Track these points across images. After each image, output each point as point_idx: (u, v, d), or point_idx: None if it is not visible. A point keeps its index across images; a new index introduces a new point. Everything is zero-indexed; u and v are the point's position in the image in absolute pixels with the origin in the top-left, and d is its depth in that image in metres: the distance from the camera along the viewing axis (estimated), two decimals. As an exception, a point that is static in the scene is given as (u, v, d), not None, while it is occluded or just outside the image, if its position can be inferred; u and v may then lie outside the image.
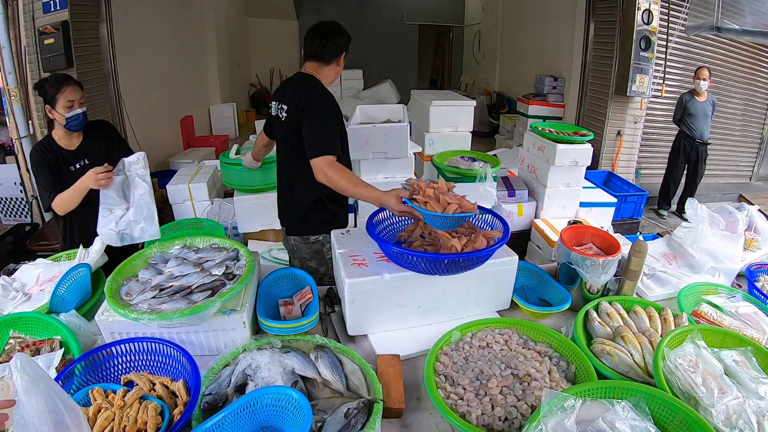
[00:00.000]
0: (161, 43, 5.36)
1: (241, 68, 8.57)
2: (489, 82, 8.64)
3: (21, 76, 3.65)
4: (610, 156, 5.01)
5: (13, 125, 3.71)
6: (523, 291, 1.54)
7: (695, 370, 1.01)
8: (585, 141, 3.09)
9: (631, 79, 4.58)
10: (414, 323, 1.37)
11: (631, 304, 1.36)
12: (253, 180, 2.95)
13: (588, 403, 0.89)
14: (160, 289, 1.22)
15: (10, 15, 3.54)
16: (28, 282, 1.53)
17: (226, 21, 7.37)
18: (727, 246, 1.69)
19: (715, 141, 5.40)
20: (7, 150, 4.28)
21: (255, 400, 0.95)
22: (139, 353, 1.13)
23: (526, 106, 5.94)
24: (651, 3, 4.47)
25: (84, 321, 1.31)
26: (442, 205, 1.27)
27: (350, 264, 1.31)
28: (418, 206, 1.29)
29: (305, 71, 1.81)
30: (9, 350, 1.18)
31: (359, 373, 1.11)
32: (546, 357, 1.15)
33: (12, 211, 4.22)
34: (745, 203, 1.88)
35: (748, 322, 1.32)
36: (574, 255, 1.41)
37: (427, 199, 1.28)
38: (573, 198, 3.22)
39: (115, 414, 0.96)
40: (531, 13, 6.84)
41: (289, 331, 1.25)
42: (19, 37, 3.59)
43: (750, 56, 5.67)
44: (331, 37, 1.76)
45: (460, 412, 1.00)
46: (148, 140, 4.75)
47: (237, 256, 1.39)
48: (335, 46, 1.77)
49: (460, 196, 1.33)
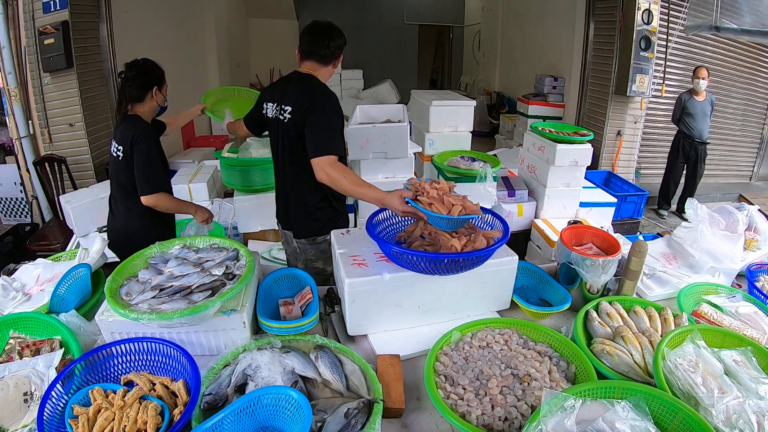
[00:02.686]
0: (161, 43, 5.35)
1: (241, 68, 8.56)
2: (489, 82, 8.64)
3: (21, 76, 3.65)
4: (610, 156, 5.01)
5: (13, 125, 3.71)
6: (523, 291, 1.54)
7: (695, 370, 1.01)
8: (585, 141, 3.09)
9: (631, 79, 4.58)
10: (414, 323, 1.37)
11: (631, 304, 1.36)
12: (253, 180, 2.96)
13: (588, 403, 0.89)
14: (160, 289, 1.22)
15: (10, 15, 3.55)
16: (28, 282, 1.53)
17: (226, 21, 7.36)
18: (727, 246, 1.69)
19: (715, 141, 5.40)
20: (7, 150, 4.28)
21: (255, 400, 0.95)
22: (139, 353, 1.13)
23: (526, 106, 5.94)
24: (651, 3, 4.47)
25: (84, 321, 1.31)
26: (447, 206, 1.26)
27: (350, 264, 1.31)
28: (422, 207, 1.28)
29: (303, 71, 1.80)
30: (9, 350, 1.18)
31: (359, 373, 1.11)
32: (546, 357, 1.15)
33: (12, 211, 4.22)
34: (745, 203, 1.88)
35: (748, 322, 1.32)
36: (574, 255, 1.41)
37: (432, 201, 1.28)
38: (573, 198, 3.22)
39: (115, 414, 0.96)
40: (531, 13, 6.84)
41: (289, 331, 1.25)
42: (19, 37, 3.59)
43: (750, 56, 5.67)
44: (333, 38, 1.76)
45: (460, 412, 1.00)
46: (148, 140, 4.74)
47: (237, 256, 1.39)
48: (336, 47, 1.77)
49: (462, 197, 1.33)
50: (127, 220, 2.06)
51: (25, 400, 1.05)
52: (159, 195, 1.95)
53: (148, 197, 1.94)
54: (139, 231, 2.04)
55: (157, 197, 1.95)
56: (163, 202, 1.98)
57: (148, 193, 1.94)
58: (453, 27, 10.62)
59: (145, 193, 1.94)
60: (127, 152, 1.94)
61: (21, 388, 1.06)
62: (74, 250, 1.61)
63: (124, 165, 1.96)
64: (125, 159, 1.95)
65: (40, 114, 3.67)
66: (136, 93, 1.96)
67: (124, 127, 1.98)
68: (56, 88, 3.61)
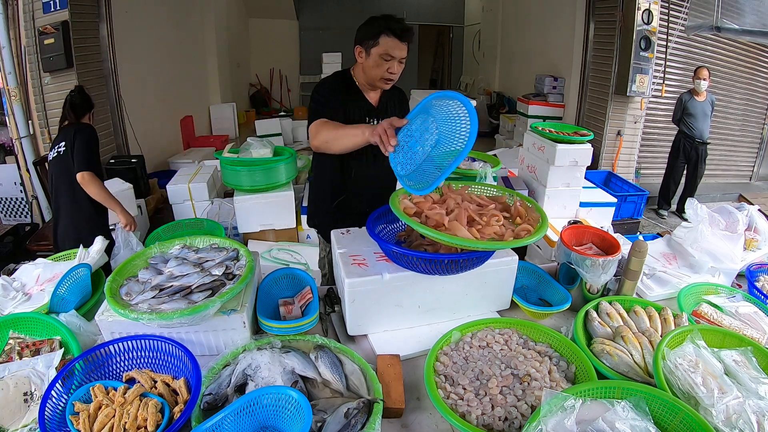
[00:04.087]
0: (161, 43, 5.36)
1: (241, 68, 8.57)
2: (489, 82, 8.64)
3: (21, 76, 3.66)
4: (610, 156, 5.02)
5: (13, 125, 3.71)
6: (523, 291, 1.54)
7: (695, 370, 1.01)
8: (585, 141, 3.09)
9: (631, 79, 4.59)
10: (414, 323, 1.37)
11: (631, 304, 1.36)
12: (253, 180, 2.96)
13: (588, 403, 0.89)
14: (160, 289, 1.22)
15: (10, 15, 3.55)
16: (28, 282, 1.53)
17: (226, 21, 7.37)
18: (727, 246, 1.69)
19: (715, 141, 5.40)
20: (7, 150, 4.28)
21: (255, 400, 0.95)
22: (141, 350, 1.14)
23: (526, 106, 5.95)
24: (651, 3, 4.47)
25: (84, 321, 1.31)
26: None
27: (350, 264, 1.31)
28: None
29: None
30: (9, 350, 1.18)
31: (359, 373, 1.11)
32: (546, 357, 1.15)
33: (12, 211, 4.22)
34: (745, 203, 1.88)
35: (748, 322, 1.32)
36: (574, 255, 1.41)
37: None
38: (573, 198, 3.23)
39: (115, 411, 0.97)
40: (531, 13, 6.84)
41: (289, 331, 1.25)
42: (19, 37, 3.60)
43: (750, 56, 5.67)
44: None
45: (460, 412, 1.00)
46: (148, 140, 4.75)
47: (237, 256, 1.39)
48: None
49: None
50: (74, 211, 2.37)
51: (25, 400, 1.05)
52: (93, 175, 2.26)
53: (84, 173, 2.24)
54: (86, 217, 2.38)
55: (91, 175, 2.25)
56: (95, 182, 2.27)
57: (85, 169, 2.24)
58: (453, 27, 10.63)
59: (83, 169, 2.24)
60: (69, 144, 2.26)
61: (21, 388, 1.06)
62: (74, 250, 1.61)
63: (66, 156, 2.28)
64: (67, 151, 2.27)
65: (40, 114, 3.67)
66: (80, 112, 2.40)
67: (64, 131, 2.35)
68: (56, 88, 3.62)
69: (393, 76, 1.69)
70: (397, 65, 1.68)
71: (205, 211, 3.32)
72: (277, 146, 3.25)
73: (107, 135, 4.09)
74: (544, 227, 1.18)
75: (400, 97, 1.94)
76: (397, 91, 1.93)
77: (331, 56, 7.80)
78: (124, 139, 4.38)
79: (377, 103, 1.83)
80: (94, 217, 2.43)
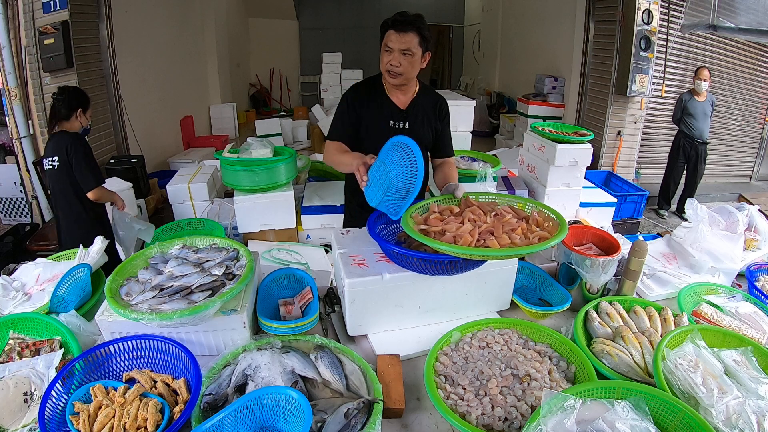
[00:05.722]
0: (161, 43, 5.35)
1: (241, 68, 8.57)
2: (489, 82, 8.64)
3: (21, 76, 3.66)
4: (610, 156, 5.02)
5: (13, 125, 3.72)
6: (523, 291, 1.54)
7: (695, 370, 1.01)
8: (585, 141, 3.09)
9: (631, 79, 4.59)
10: (414, 323, 1.37)
11: (631, 304, 1.36)
12: (253, 180, 2.95)
13: (588, 403, 0.89)
14: (160, 289, 1.22)
15: (10, 15, 3.55)
16: (28, 282, 1.53)
17: (226, 21, 7.36)
18: (727, 246, 1.69)
19: (715, 141, 5.40)
20: (7, 150, 4.28)
21: (255, 400, 0.95)
22: (141, 350, 1.14)
23: (526, 106, 5.95)
24: (651, 3, 4.47)
25: (84, 321, 1.31)
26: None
27: (350, 264, 1.31)
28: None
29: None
30: (9, 350, 1.18)
31: (359, 373, 1.11)
32: (546, 357, 1.15)
33: (12, 211, 4.22)
34: (745, 203, 1.88)
35: (748, 322, 1.32)
36: (574, 255, 1.41)
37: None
38: (573, 198, 3.23)
39: (115, 411, 0.97)
40: (531, 13, 6.84)
41: (289, 331, 1.25)
42: (19, 37, 3.60)
43: (750, 56, 5.67)
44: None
45: (460, 412, 1.00)
46: (148, 140, 4.75)
47: (237, 256, 1.39)
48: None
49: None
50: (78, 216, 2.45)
51: (25, 400, 1.05)
52: (101, 188, 2.39)
53: (94, 191, 2.34)
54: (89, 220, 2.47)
55: (101, 189, 2.38)
56: (104, 193, 2.41)
57: (94, 187, 2.34)
58: (453, 27, 10.61)
59: (92, 188, 2.34)
60: (63, 160, 2.32)
61: (21, 388, 1.06)
62: (74, 250, 1.61)
63: (62, 172, 2.35)
64: (62, 166, 2.34)
65: (40, 114, 3.67)
66: (65, 112, 2.38)
67: (54, 141, 2.37)
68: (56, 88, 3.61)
69: (395, 69, 1.65)
70: (399, 57, 1.64)
71: (205, 211, 3.32)
72: (277, 146, 3.25)
73: (107, 135, 4.09)
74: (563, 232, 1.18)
75: (438, 104, 1.85)
76: (435, 98, 1.86)
77: (331, 56, 7.79)
78: (124, 139, 4.38)
79: (406, 105, 1.79)
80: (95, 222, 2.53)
